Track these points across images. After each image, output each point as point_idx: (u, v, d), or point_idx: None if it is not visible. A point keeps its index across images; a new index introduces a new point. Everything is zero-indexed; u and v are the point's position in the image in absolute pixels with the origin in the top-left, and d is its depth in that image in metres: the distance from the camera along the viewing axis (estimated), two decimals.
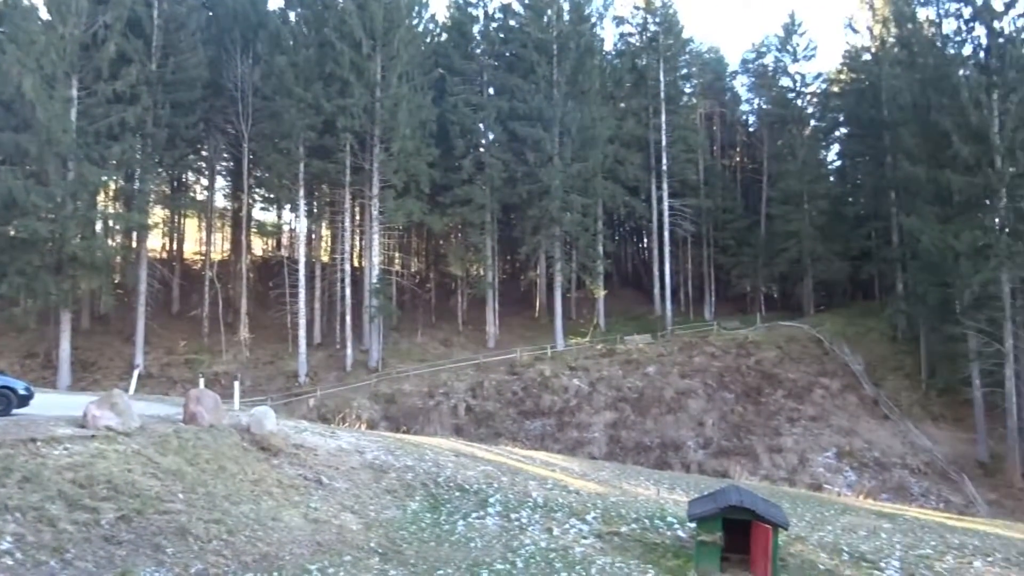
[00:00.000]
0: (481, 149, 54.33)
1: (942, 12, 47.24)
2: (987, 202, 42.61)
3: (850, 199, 64.76)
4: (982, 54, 43.31)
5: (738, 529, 13.63)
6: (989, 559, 16.04)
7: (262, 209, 64.57)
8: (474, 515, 15.80)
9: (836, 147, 70.55)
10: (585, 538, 14.99)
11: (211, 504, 13.08)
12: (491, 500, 16.81)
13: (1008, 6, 42.61)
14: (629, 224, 74.94)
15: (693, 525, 14.22)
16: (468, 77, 54.34)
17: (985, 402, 42.04)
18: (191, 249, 65.59)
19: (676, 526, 16.05)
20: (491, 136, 54.54)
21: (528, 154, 51.49)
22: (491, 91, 55.50)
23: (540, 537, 14.81)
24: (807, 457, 40.18)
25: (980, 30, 43.47)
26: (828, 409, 44.66)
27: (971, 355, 42.00)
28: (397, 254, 60.73)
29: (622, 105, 61.49)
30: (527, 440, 39.33)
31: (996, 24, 42.65)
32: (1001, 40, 42.33)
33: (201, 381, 25.45)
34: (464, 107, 51.97)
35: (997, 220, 41.82)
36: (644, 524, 16.12)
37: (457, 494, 17.05)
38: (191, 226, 65.93)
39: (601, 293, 56.91)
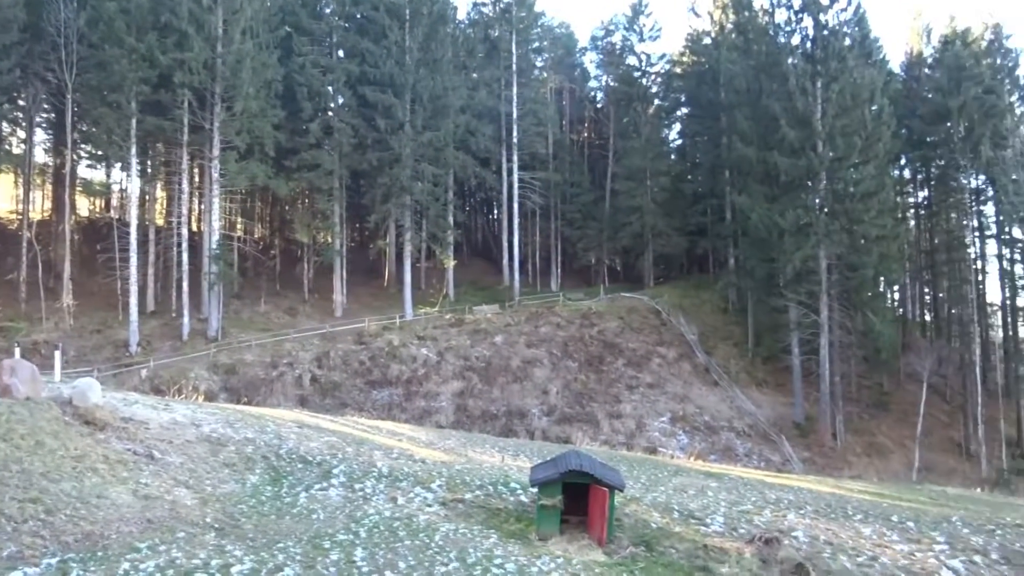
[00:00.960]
0: (330, 113, 52.71)
1: (775, 2, 50.15)
2: (809, 184, 46.05)
3: (689, 177, 67.98)
4: (809, 44, 46.51)
5: (578, 492, 14.11)
6: (801, 511, 17.46)
7: (88, 166, 59.75)
8: (317, 487, 15.51)
9: (677, 126, 73.85)
10: (429, 506, 15.07)
11: (27, 482, 12.11)
12: (335, 471, 16.56)
13: (833, 0, 45.92)
14: (480, 195, 75.33)
15: (535, 490, 14.58)
16: (317, 38, 52.40)
17: (802, 369, 45.77)
18: (6, 208, 59.96)
19: (519, 491, 16.42)
20: (340, 100, 53.04)
21: (379, 120, 50.49)
22: (341, 53, 53.84)
23: (384, 506, 14.75)
24: (644, 422, 42.21)
25: (808, 21, 46.69)
26: (664, 377, 47.04)
27: (791, 325, 45.55)
28: (239, 219, 58.08)
29: (475, 75, 61.45)
30: (374, 410, 39.01)
31: (822, 17, 45.91)
32: (826, 32, 45.61)
33: (17, 351, 23.42)
34: (312, 68, 50.15)
35: (817, 201, 45.31)
36: (488, 491, 16.39)
37: (300, 466, 16.67)
38: (6, 182, 60.19)
39: (451, 263, 57.05)
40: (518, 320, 50.82)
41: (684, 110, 71.00)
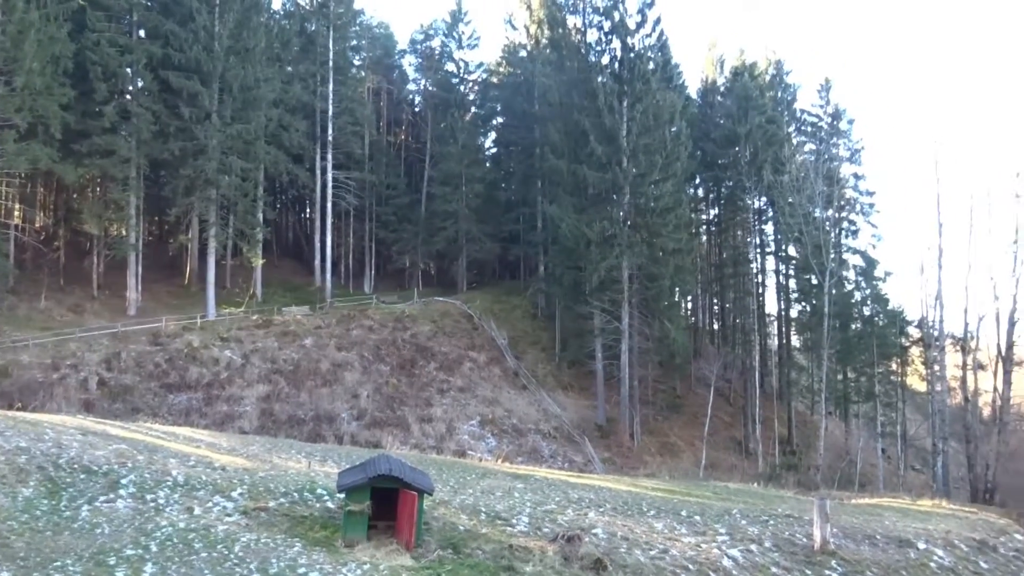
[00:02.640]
0: (128, 96, 48.92)
1: (587, 22, 52.53)
2: (614, 197, 48.50)
3: (503, 185, 69.52)
4: (617, 65, 49.02)
5: (387, 497, 13.99)
6: (601, 509, 18.32)
7: None
8: (102, 499, 14.34)
9: (493, 135, 75.30)
10: (229, 515, 14.37)
11: None
12: (123, 481, 15.38)
13: (639, 25, 48.79)
14: (292, 192, 72.87)
15: (342, 496, 14.31)
16: (114, 14, 48.36)
17: (604, 373, 48.10)
18: None
19: (326, 498, 16.04)
20: (140, 83, 49.38)
21: (183, 108, 47.50)
22: (142, 33, 50.13)
23: (179, 518, 13.90)
24: (454, 426, 42.57)
25: (617, 43, 49.17)
26: (475, 380, 47.72)
27: (596, 332, 47.78)
28: (17, 205, 52.52)
29: (289, 69, 59.34)
30: (171, 415, 36.56)
31: (629, 40, 48.58)
32: (632, 55, 48.29)
33: None
34: (109, 47, 46.22)
35: (622, 214, 47.82)
36: (293, 498, 15.88)
37: (82, 477, 15.33)
38: None
39: (259, 262, 54.69)
40: (329, 322, 49.68)
41: (500, 119, 72.53)
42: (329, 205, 59.59)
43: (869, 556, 16.95)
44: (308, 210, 73.04)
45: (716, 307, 70.43)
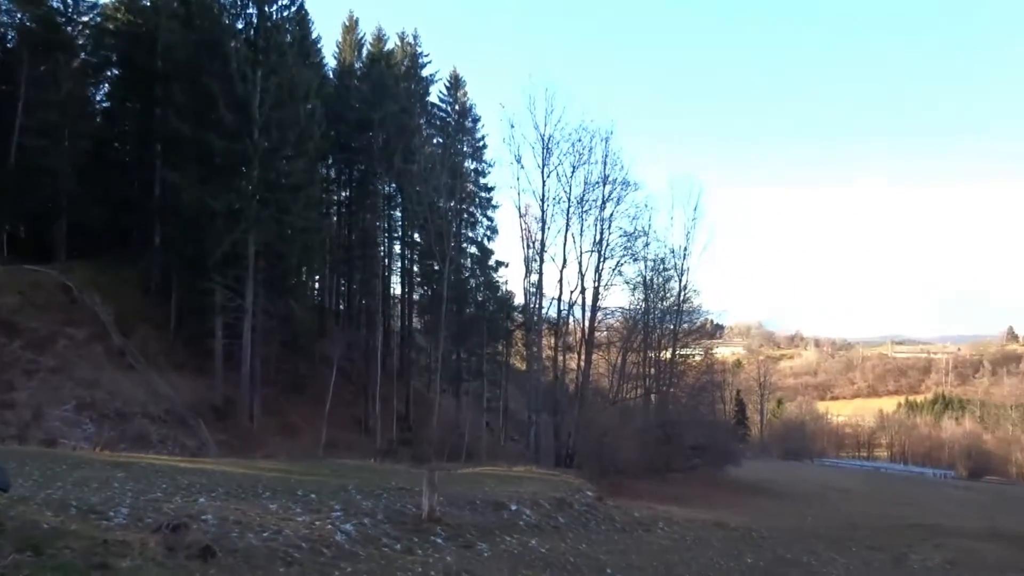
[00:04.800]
0: None
1: None
2: (244, 169, 46.62)
3: (116, 144, 62.79)
4: (252, 32, 47.09)
5: None
6: (213, 494, 17.59)
7: None
8: None
9: (107, 87, 67.46)
10: None
11: None
12: None
13: None
14: None
15: None
16: None
17: (224, 352, 46.18)
18: None
19: None
20: None
21: None
22: None
23: None
24: (44, 411, 37.71)
25: (253, 9, 47.21)
26: (72, 360, 42.70)
27: (217, 309, 45.60)
28: None
29: None
30: None
31: (266, 8, 46.96)
32: (269, 24, 46.80)
33: None
34: None
35: (250, 187, 46.15)
36: None
37: None
38: None
39: None
40: None
41: (115, 71, 65.22)
42: None
43: (470, 520, 18.56)
44: None
45: (343, 288, 71.25)
